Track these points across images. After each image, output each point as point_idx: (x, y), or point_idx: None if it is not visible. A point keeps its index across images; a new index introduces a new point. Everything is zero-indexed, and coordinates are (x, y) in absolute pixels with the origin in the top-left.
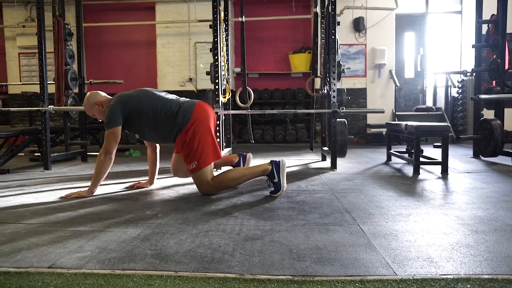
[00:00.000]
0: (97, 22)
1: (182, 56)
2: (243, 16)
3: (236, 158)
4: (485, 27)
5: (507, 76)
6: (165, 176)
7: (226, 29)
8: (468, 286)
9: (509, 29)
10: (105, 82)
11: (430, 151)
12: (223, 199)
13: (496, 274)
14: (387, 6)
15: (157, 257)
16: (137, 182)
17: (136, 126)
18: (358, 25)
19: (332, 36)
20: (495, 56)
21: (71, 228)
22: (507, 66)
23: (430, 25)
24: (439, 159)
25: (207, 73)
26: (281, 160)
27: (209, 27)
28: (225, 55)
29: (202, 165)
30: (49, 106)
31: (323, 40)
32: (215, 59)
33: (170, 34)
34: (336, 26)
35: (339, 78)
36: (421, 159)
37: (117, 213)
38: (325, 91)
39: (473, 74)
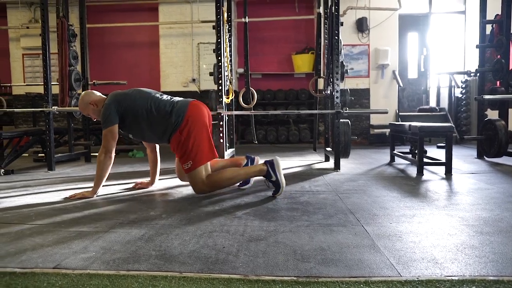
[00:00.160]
0: (101, 23)
1: (185, 57)
2: (246, 16)
3: (244, 161)
4: (489, 27)
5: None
6: (168, 177)
7: (229, 30)
8: (473, 287)
9: None
10: (108, 83)
11: (434, 152)
12: (227, 199)
13: (501, 276)
14: (391, 6)
15: (161, 257)
16: (139, 183)
17: (130, 125)
18: (361, 25)
19: (336, 37)
20: (499, 56)
21: (76, 228)
22: (511, 67)
23: (434, 25)
24: (443, 160)
25: (210, 74)
26: (274, 158)
27: (212, 28)
28: (228, 55)
29: (197, 165)
30: (53, 107)
31: (326, 41)
32: (218, 60)
33: (173, 35)
34: (340, 27)
35: (343, 78)
36: (425, 159)
37: (121, 214)
38: (329, 92)
39: (477, 75)
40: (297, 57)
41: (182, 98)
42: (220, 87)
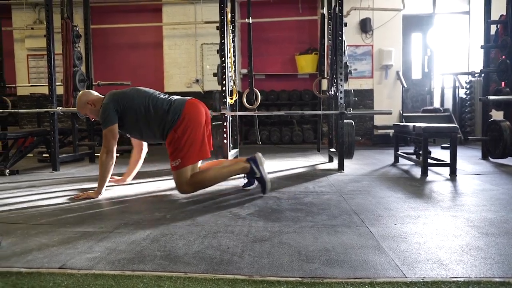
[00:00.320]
0: (105, 24)
1: (189, 58)
2: (250, 17)
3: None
4: (493, 27)
5: None
6: (171, 178)
7: (233, 31)
8: None
9: None
10: (112, 84)
11: (438, 153)
12: (231, 200)
13: (507, 278)
14: (394, 7)
15: (166, 258)
16: (114, 179)
17: (128, 124)
18: (365, 26)
19: (339, 37)
20: (504, 57)
21: (81, 229)
22: None
23: (438, 25)
24: (447, 161)
25: (214, 75)
26: (256, 154)
27: (216, 29)
28: (232, 56)
29: (185, 163)
30: (57, 108)
31: (330, 41)
32: (222, 61)
33: (177, 35)
34: (343, 27)
35: (346, 79)
36: (429, 160)
37: (126, 214)
38: (332, 92)
39: (482, 75)
40: (300, 57)
41: (180, 97)
42: (224, 88)
